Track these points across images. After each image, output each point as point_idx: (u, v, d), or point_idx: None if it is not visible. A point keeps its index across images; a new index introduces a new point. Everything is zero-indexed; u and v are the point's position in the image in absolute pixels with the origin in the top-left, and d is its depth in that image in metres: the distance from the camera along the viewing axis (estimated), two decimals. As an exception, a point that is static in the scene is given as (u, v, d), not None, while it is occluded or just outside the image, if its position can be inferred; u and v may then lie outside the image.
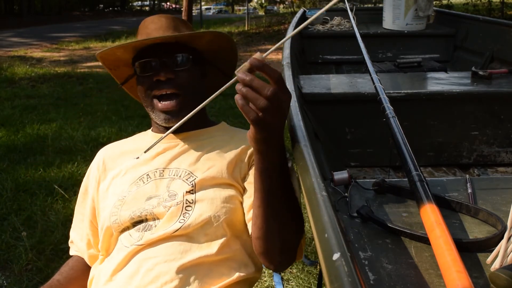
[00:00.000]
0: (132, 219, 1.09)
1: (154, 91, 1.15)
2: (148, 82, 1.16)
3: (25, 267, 2.23)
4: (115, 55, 1.21)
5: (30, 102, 5.52)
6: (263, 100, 0.78)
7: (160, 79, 1.13)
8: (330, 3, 0.80)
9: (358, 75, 2.12)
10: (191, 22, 11.68)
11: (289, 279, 2.11)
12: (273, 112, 0.79)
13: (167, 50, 1.15)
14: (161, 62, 1.14)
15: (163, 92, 1.14)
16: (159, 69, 1.14)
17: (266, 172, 0.90)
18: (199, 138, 1.21)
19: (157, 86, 1.15)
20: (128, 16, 32.16)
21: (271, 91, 0.77)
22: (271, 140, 0.85)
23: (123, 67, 1.26)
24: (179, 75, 1.15)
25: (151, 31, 1.20)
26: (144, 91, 1.17)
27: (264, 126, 0.81)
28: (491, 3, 11.18)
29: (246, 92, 0.78)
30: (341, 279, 0.56)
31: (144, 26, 1.24)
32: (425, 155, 1.84)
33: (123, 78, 1.30)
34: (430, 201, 0.82)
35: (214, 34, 1.20)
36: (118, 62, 1.24)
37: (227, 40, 1.23)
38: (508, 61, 2.37)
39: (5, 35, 14.94)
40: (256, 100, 0.78)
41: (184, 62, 1.16)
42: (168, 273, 1.00)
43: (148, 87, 1.16)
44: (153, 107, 1.17)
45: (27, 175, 3.28)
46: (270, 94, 0.77)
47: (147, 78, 1.16)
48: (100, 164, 1.24)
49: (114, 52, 1.19)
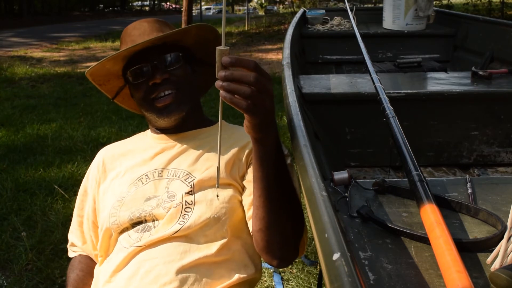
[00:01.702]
0: (131, 220, 1.09)
1: (152, 94, 1.15)
2: (144, 87, 1.15)
3: (25, 267, 2.23)
4: (104, 69, 1.20)
5: (30, 102, 5.52)
6: (246, 87, 0.79)
7: (156, 82, 1.14)
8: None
9: (358, 75, 2.12)
10: (191, 22, 11.69)
11: (289, 279, 2.11)
12: (260, 95, 0.81)
13: (156, 53, 1.15)
14: (153, 65, 1.14)
15: (161, 93, 1.14)
16: (152, 72, 1.14)
17: (264, 159, 0.91)
18: (197, 137, 1.21)
19: (154, 89, 1.14)
20: (128, 16, 32.15)
21: (252, 76, 0.79)
22: (266, 124, 0.86)
23: (113, 80, 1.26)
24: (173, 74, 1.15)
25: (136, 38, 1.19)
26: (142, 97, 1.17)
27: (256, 111, 0.82)
28: (491, 3, 11.18)
29: (227, 86, 0.79)
30: (341, 279, 0.56)
31: (127, 33, 1.23)
32: (425, 155, 1.84)
33: (114, 91, 1.29)
34: (430, 201, 0.82)
35: (199, 27, 1.20)
36: (108, 76, 1.23)
37: (212, 31, 1.22)
38: (508, 61, 2.37)
39: (5, 35, 14.94)
40: (240, 89, 0.79)
41: (176, 60, 1.17)
42: (167, 275, 1.00)
43: (145, 92, 1.16)
44: (153, 109, 1.17)
45: (27, 175, 3.28)
46: (253, 80, 0.79)
47: (142, 84, 1.15)
48: (100, 165, 1.24)
49: (104, 65, 1.18)
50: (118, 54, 1.14)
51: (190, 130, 1.22)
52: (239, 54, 9.39)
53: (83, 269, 1.21)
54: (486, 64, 2.50)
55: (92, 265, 1.21)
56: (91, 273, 1.18)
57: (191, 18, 11.73)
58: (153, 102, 1.16)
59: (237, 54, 9.16)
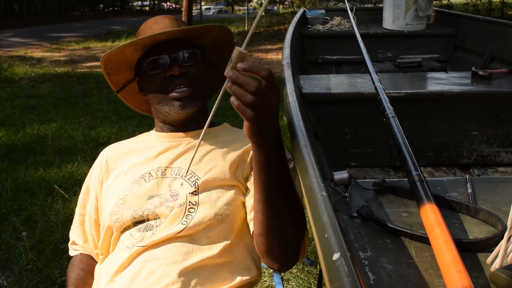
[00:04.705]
0: (133, 218, 1.09)
1: (169, 85, 1.15)
2: (161, 78, 1.16)
3: (25, 267, 2.23)
4: (122, 55, 1.20)
5: (30, 102, 5.52)
6: (249, 96, 0.79)
7: (173, 74, 1.14)
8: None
9: (358, 75, 2.12)
10: (191, 22, 11.68)
11: (289, 279, 2.11)
12: (260, 107, 0.81)
13: (176, 47, 1.16)
14: (171, 58, 1.15)
15: (178, 87, 1.15)
16: (171, 64, 1.15)
17: (263, 164, 0.91)
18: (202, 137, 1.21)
19: (171, 81, 1.15)
20: (128, 16, 32.17)
21: (255, 87, 0.79)
22: (265, 133, 0.86)
23: (124, 71, 1.26)
24: (190, 70, 1.17)
25: (157, 31, 1.19)
26: (157, 88, 1.17)
27: (255, 121, 0.82)
28: (491, 3, 11.18)
29: (233, 89, 0.80)
30: (341, 279, 0.56)
31: (147, 26, 1.23)
32: (425, 155, 1.84)
33: (120, 84, 1.29)
34: (430, 201, 0.82)
35: (221, 28, 1.22)
36: (122, 65, 1.23)
37: (229, 35, 1.25)
38: (508, 61, 2.36)
39: (5, 35, 14.94)
40: (243, 96, 0.80)
41: (194, 57, 1.18)
42: (170, 276, 0.99)
43: (162, 83, 1.16)
44: (166, 100, 1.17)
45: (27, 175, 3.28)
46: (255, 90, 0.79)
47: (159, 75, 1.16)
48: (103, 164, 1.24)
49: (123, 51, 1.18)
50: (141, 40, 1.14)
51: (195, 129, 1.22)
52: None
53: (84, 268, 1.21)
54: (486, 64, 2.50)
55: (93, 264, 1.21)
56: (92, 272, 1.18)
57: (191, 18, 11.73)
58: (168, 93, 1.16)
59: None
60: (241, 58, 0.81)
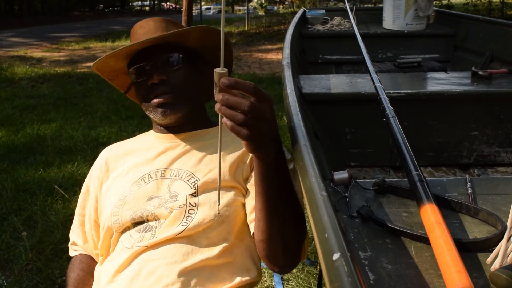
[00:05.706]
0: (133, 219, 1.09)
1: (150, 94, 1.15)
2: (145, 87, 1.16)
3: (25, 267, 2.23)
4: (109, 65, 1.20)
5: (30, 102, 5.52)
6: (240, 115, 0.77)
7: (153, 82, 1.14)
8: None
9: (358, 75, 2.12)
10: (191, 22, 11.69)
11: (289, 279, 2.11)
12: (255, 123, 0.78)
13: (158, 53, 1.15)
14: (153, 65, 1.14)
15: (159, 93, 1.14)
16: (152, 72, 1.14)
17: (265, 176, 0.90)
18: (201, 138, 1.20)
19: (153, 89, 1.14)
20: (128, 16, 32.17)
21: (247, 106, 0.77)
22: (264, 147, 0.85)
23: (122, 76, 1.26)
24: (172, 76, 1.15)
25: (140, 36, 1.19)
26: (143, 96, 1.17)
27: (252, 138, 0.80)
28: (491, 3, 11.18)
29: (222, 111, 0.77)
30: (341, 279, 0.56)
31: (134, 31, 1.23)
32: (425, 155, 1.84)
33: (125, 86, 1.30)
34: (430, 201, 0.82)
35: (200, 30, 1.17)
36: (115, 72, 1.24)
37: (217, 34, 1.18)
38: (508, 61, 2.37)
39: (5, 35, 14.94)
40: (235, 117, 0.77)
41: (176, 62, 1.16)
42: (169, 276, 0.99)
43: (145, 92, 1.16)
44: (150, 107, 1.17)
45: (27, 175, 3.28)
46: (247, 109, 0.76)
47: (143, 83, 1.16)
48: (103, 164, 1.24)
49: (107, 62, 1.18)
50: (118, 51, 1.14)
51: (194, 130, 1.21)
52: (239, 54, 9.38)
53: (84, 269, 1.21)
54: (486, 64, 2.50)
55: (93, 265, 1.21)
56: (92, 273, 1.18)
57: (191, 18, 11.74)
58: (150, 101, 1.16)
59: (237, 54, 9.15)
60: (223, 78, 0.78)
